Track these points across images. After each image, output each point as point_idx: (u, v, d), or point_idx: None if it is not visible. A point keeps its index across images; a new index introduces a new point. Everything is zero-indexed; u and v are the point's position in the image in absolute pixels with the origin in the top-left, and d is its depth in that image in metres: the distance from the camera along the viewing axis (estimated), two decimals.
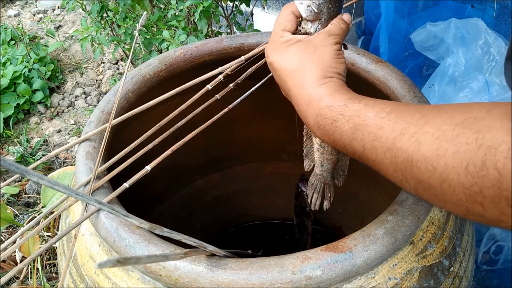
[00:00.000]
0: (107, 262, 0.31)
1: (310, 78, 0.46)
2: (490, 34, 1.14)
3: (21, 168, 0.31)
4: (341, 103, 0.43)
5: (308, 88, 0.46)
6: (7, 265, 1.13)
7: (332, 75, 0.46)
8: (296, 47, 0.49)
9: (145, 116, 0.78)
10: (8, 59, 1.79)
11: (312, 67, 0.47)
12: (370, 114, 0.40)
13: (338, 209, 1.05)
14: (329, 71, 0.46)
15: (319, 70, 0.46)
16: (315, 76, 0.46)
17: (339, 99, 0.43)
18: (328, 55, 0.47)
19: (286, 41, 0.50)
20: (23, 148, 1.57)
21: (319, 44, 0.48)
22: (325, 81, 0.45)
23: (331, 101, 0.43)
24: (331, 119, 0.43)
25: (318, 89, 0.45)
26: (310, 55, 0.47)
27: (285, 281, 0.44)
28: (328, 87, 0.45)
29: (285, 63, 0.49)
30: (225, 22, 1.38)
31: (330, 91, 0.44)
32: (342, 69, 0.48)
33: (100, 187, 0.55)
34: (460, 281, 0.54)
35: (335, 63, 0.47)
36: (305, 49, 0.48)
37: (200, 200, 1.07)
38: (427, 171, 0.35)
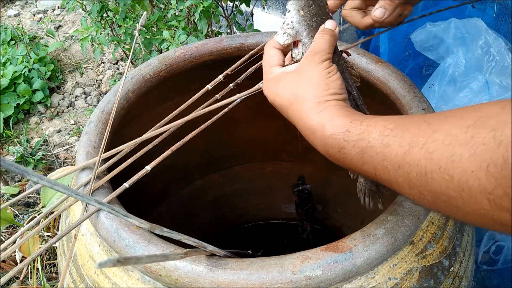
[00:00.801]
0: (107, 262, 0.31)
1: (307, 108, 0.45)
2: (490, 34, 1.14)
3: (21, 168, 0.31)
4: (343, 129, 0.41)
5: (308, 118, 0.45)
6: (7, 265, 1.13)
7: (327, 98, 0.45)
8: (285, 80, 0.48)
9: (145, 116, 0.79)
10: (8, 59, 1.79)
11: (305, 96, 0.45)
12: (374, 135, 0.39)
13: (338, 209, 1.05)
14: (323, 95, 0.45)
15: (312, 98, 0.45)
16: (311, 106, 0.45)
17: (340, 125, 0.42)
18: (317, 78, 0.46)
19: (275, 77, 0.50)
20: (23, 148, 1.57)
21: (305, 69, 0.47)
22: (321, 108, 0.44)
23: (332, 129, 0.42)
24: (338, 147, 0.42)
25: (317, 118, 0.44)
26: (299, 84, 0.46)
27: (285, 281, 0.44)
28: (326, 113, 0.43)
29: (281, 99, 0.48)
30: (225, 22, 1.38)
31: (329, 118, 0.43)
32: (337, 87, 0.46)
33: (100, 187, 0.55)
34: (460, 281, 0.54)
35: (326, 84, 0.45)
36: (294, 79, 0.47)
37: (200, 200, 1.07)
38: (443, 181, 0.33)
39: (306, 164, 1.03)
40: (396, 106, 0.66)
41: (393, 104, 0.67)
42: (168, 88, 0.78)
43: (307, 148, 1.01)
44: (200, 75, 0.77)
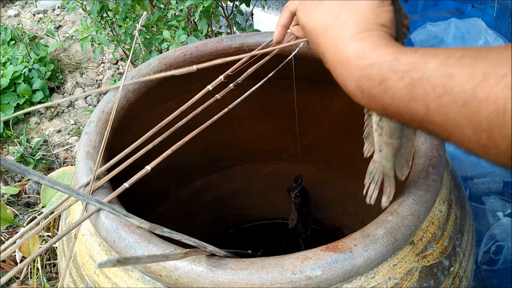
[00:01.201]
0: (107, 262, 0.31)
1: (346, 33, 0.37)
2: (490, 34, 1.14)
3: (21, 168, 0.31)
4: (389, 57, 0.34)
5: (344, 45, 0.37)
6: (7, 265, 1.13)
7: (373, 27, 0.37)
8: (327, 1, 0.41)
9: (145, 116, 0.79)
10: (8, 59, 1.79)
11: (347, 19, 0.38)
12: (433, 64, 0.31)
13: (338, 209, 1.05)
14: (369, 22, 0.37)
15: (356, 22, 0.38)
16: (352, 30, 0.37)
17: (386, 53, 0.34)
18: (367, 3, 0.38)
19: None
20: (23, 148, 1.57)
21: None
22: (365, 35, 0.37)
23: (375, 57, 0.35)
24: (379, 79, 0.34)
25: (357, 44, 0.36)
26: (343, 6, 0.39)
27: (285, 281, 0.44)
28: (370, 40, 0.36)
29: (316, 21, 0.41)
30: (225, 22, 1.38)
31: (372, 46, 0.35)
32: (388, 19, 0.38)
33: (100, 187, 0.55)
34: (460, 281, 0.54)
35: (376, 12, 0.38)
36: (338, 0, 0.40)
37: (200, 200, 1.07)
38: None
39: (306, 164, 1.03)
40: None
41: None
42: (168, 88, 0.78)
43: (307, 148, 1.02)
44: (200, 75, 0.77)
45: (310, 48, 0.77)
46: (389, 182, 0.51)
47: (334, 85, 0.92)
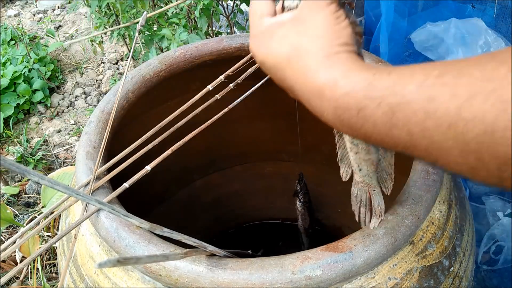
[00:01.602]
0: (107, 262, 0.31)
1: (312, 62, 0.35)
2: (490, 34, 1.14)
3: (21, 168, 0.31)
4: (363, 83, 0.32)
5: (314, 76, 0.34)
6: (7, 265, 1.13)
7: (338, 49, 0.35)
8: (280, 32, 0.38)
9: (145, 116, 0.79)
10: (8, 59, 1.79)
11: (309, 47, 0.36)
12: (410, 87, 0.29)
13: (338, 209, 1.05)
14: (332, 44, 0.35)
15: (319, 48, 0.35)
16: (318, 57, 0.35)
17: (359, 79, 0.32)
18: (324, 25, 0.36)
19: (267, 29, 0.39)
20: (23, 148, 1.57)
21: (306, 14, 0.37)
22: (332, 60, 0.34)
23: (349, 85, 0.32)
24: (356, 108, 0.32)
25: (327, 73, 0.34)
26: (300, 34, 0.37)
27: (285, 281, 0.44)
28: (339, 66, 0.34)
29: (275, 56, 0.38)
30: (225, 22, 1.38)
31: (343, 72, 0.33)
32: (348, 35, 0.36)
33: (100, 187, 0.55)
34: (460, 281, 0.54)
35: (335, 32, 0.36)
36: (293, 29, 0.38)
37: (200, 200, 1.07)
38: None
39: (306, 164, 1.02)
40: None
41: None
42: (168, 88, 0.78)
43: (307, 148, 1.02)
44: (200, 75, 0.77)
45: None
46: (377, 199, 0.48)
47: None
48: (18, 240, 0.50)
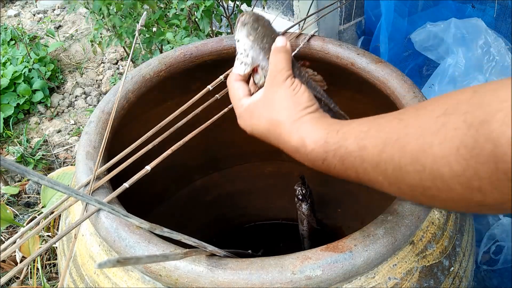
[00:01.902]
0: (107, 262, 0.31)
1: (285, 130, 0.46)
2: (490, 34, 1.14)
3: (21, 168, 0.31)
4: (321, 141, 0.42)
5: (288, 139, 0.46)
6: (7, 265, 1.13)
7: (300, 114, 0.46)
8: (257, 110, 0.49)
9: (145, 116, 0.79)
10: (8, 59, 1.79)
11: (279, 119, 0.46)
12: (350, 141, 0.40)
13: (338, 209, 1.05)
14: (296, 112, 0.46)
15: (287, 118, 0.46)
16: (288, 127, 0.46)
17: (318, 139, 0.43)
18: (285, 98, 0.47)
19: (246, 109, 0.51)
20: (23, 148, 1.57)
21: (271, 93, 0.48)
22: (298, 126, 0.45)
23: (312, 143, 0.43)
24: (321, 159, 0.43)
25: (296, 137, 0.45)
26: (271, 109, 0.47)
27: (285, 281, 0.44)
28: (304, 130, 0.44)
29: (259, 129, 0.49)
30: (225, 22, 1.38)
31: (307, 134, 0.44)
32: (306, 100, 0.46)
33: (100, 187, 0.55)
34: (460, 281, 0.54)
35: (295, 101, 0.46)
36: (264, 106, 0.48)
37: (200, 200, 1.07)
38: (417, 173, 0.34)
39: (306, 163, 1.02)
40: (396, 106, 0.66)
41: (393, 104, 0.67)
42: (168, 88, 0.78)
43: None
44: (200, 75, 0.77)
45: (310, 48, 0.77)
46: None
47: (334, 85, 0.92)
48: (18, 240, 0.50)
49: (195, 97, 0.67)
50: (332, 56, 0.75)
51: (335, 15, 1.50)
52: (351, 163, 0.40)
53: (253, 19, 0.53)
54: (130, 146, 0.60)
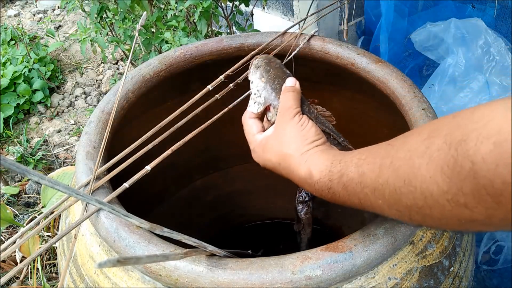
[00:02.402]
0: (107, 262, 0.31)
1: (294, 163, 0.49)
2: (490, 34, 1.14)
3: (21, 168, 0.31)
4: (326, 171, 0.46)
5: (297, 171, 0.49)
6: (7, 265, 1.13)
7: (307, 148, 0.49)
8: (268, 145, 0.53)
9: (145, 116, 0.79)
10: (8, 59, 1.79)
11: (289, 152, 0.50)
12: (351, 168, 0.43)
13: (338, 209, 1.05)
14: (303, 145, 0.49)
15: (295, 152, 0.50)
16: (296, 159, 0.49)
17: (323, 169, 0.46)
18: (294, 133, 0.51)
19: (259, 144, 0.55)
20: (23, 148, 1.57)
21: (281, 129, 0.52)
22: (305, 159, 0.49)
23: (318, 175, 0.47)
24: (326, 188, 0.46)
25: (304, 168, 0.48)
26: (281, 144, 0.51)
27: (285, 281, 0.44)
28: (310, 162, 0.48)
29: (271, 162, 0.53)
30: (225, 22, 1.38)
31: (314, 165, 0.48)
32: (313, 134, 0.50)
33: (100, 187, 0.55)
34: (460, 281, 0.54)
35: (303, 136, 0.50)
36: (275, 141, 0.52)
37: (200, 200, 1.07)
38: (410, 194, 0.36)
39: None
40: (396, 106, 0.66)
41: (393, 104, 0.67)
42: (168, 88, 0.78)
43: None
44: (200, 75, 0.77)
45: (310, 48, 0.77)
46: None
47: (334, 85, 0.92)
48: (18, 240, 0.50)
49: (195, 97, 0.67)
50: (332, 56, 0.75)
51: (335, 15, 1.50)
52: (353, 190, 0.42)
53: (266, 62, 0.58)
54: (130, 146, 0.60)
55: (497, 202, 0.30)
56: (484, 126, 0.30)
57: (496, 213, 0.31)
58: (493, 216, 0.31)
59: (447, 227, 0.39)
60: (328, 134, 0.55)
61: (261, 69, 0.58)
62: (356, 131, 0.89)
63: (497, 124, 0.29)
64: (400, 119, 0.65)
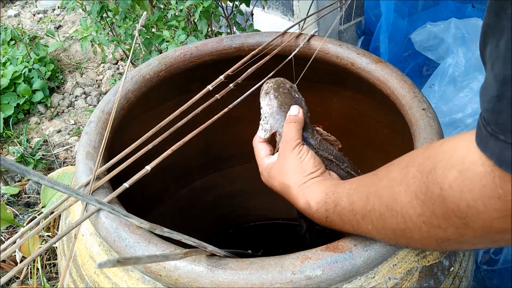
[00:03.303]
0: (107, 262, 0.31)
1: (294, 194, 0.53)
2: None
3: (21, 168, 0.31)
4: (322, 203, 0.49)
5: (297, 201, 0.53)
6: (7, 265, 1.13)
7: (305, 180, 0.53)
8: (272, 171, 0.57)
9: (145, 116, 0.78)
10: (8, 59, 1.79)
11: (288, 184, 0.54)
12: (343, 199, 0.46)
13: None
14: (301, 178, 0.53)
15: (294, 184, 0.53)
16: (295, 191, 0.53)
17: (319, 201, 0.50)
18: (293, 166, 0.54)
19: (266, 168, 0.59)
20: (23, 148, 1.57)
21: (281, 159, 0.56)
22: (303, 191, 0.52)
23: (315, 205, 0.50)
24: (324, 217, 0.50)
25: (303, 200, 0.52)
26: (282, 174, 0.55)
27: (285, 281, 0.44)
28: (308, 194, 0.52)
29: (275, 187, 0.57)
30: (225, 22, 1.38)
31: (311, 197, 0.51)
32: (310, 167, 0.53)
33: (100, 187, 0.55)
34: (460, 281, 0.54)
35: (301, 168, 0.53)
36: (277, 169, 0.56)
37: (200, 200, 1.07)
38: (393, 218, 0.39)
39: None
40: (396, 106, 0.66)
41: (393, 104, 0.67)
42: (168, 88, 0.78)
43: None
44: (200, 75, 0.77)
45: (310, 48, 0.77)
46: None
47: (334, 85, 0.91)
48: (18, 240, 0.50)
49: (195, 97, 0.67)
50: (332, 56, 0.75)
51: (335, 15, 1.50)
52: (346, 218, 0.46)
53: (274, 88, 0.60)
54: (130, 146, 0.60)
55: (465, 223, 0.33)
56: (450, 157, 0.34)
57: (465, 232, 0.34)
58: (464, 235, 0.35)
59: (428, 247, 0.45)
60: (330, 161, 0.57)
61: (270, 95, 0.60)
62: (356, 131, 0.89)
63: (461, 155, 0.33)
64: (400, 119, 0.65)
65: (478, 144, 0.31)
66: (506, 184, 0.29)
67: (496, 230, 0.32)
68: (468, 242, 0.36)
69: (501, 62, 0.28)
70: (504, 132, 0.28)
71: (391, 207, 0.40)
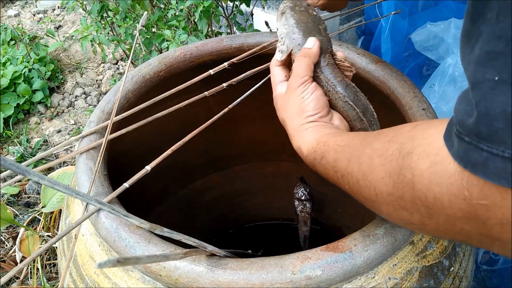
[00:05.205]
0: (107, 262, 0.31)
1: (290, 133, 0.54)
2: None
3: (21, 168, 0.31)
4: (312, 151, 0.50)
5: (293, 141, 0.54)
6: (7, 265, 1.13)
7: (301, 122, 0.52)
8: (278, 103, 0.56)
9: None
10: (8, 59, 1.79)
11: (288, 122, 0.54)
12: (331, 153, 0.47)
13: (338, 209, 1.05)
14: (300, 119, 0.53)
15: (292, 123, 0.53)
16: (292, 131, 0.53)
17: (310, 148, 0.50)
18: (294, 105, 0.53)
19: (276, 96, 0.57)
20: (23, 148, 1.57)
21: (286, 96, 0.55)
22: (299, 133, 0.52)
23: (305, 151, 0.51)
24: (311, 164, 0.51)
25: (296, 142, 0.53)
26: (285, 109, 0.55)
27: (285, 281, 0.44)
28: (302, 138, 0.52)
29: (280, 117, 0.56)
30: (225, 22, 1.38)
31: (303, 142, 0.51)
32: (311, 108, 0.52)
33: (100, 187, 0.56)
34: (460, 281, 0.54)
35: (301, 109, 0.53)
36: (282, 103, 0.55)
37: (200, 200, 1.07)
38: (366, 188, 0.40)
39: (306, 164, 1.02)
40: (396, 106, 0.66)
41: (393, 104, 0.67)
42: (168, 88, 0.78)
43: None
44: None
45: None
46: None
47: None
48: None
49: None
50: None
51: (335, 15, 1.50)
52: (330, 172, 0.47)
53: (290, 7, 0.56)
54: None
55: (429, 214, 0.33)
56: (429, 144, 0.33)
57: (429, 222, 0.34)
58: (427, 225, 0.35)
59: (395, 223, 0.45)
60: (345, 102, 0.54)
61: (286, 14, 0.56)
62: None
63: (438, 145, 0.32)
64: (400, 119, 0.65)
65: (445, 141, 0.31)
66: (473, 188, 0.29)
67: (458, 230, 0.32)
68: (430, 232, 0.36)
69: (473, 66, 0.28)
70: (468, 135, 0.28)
71: (366, 176, 0.40)
